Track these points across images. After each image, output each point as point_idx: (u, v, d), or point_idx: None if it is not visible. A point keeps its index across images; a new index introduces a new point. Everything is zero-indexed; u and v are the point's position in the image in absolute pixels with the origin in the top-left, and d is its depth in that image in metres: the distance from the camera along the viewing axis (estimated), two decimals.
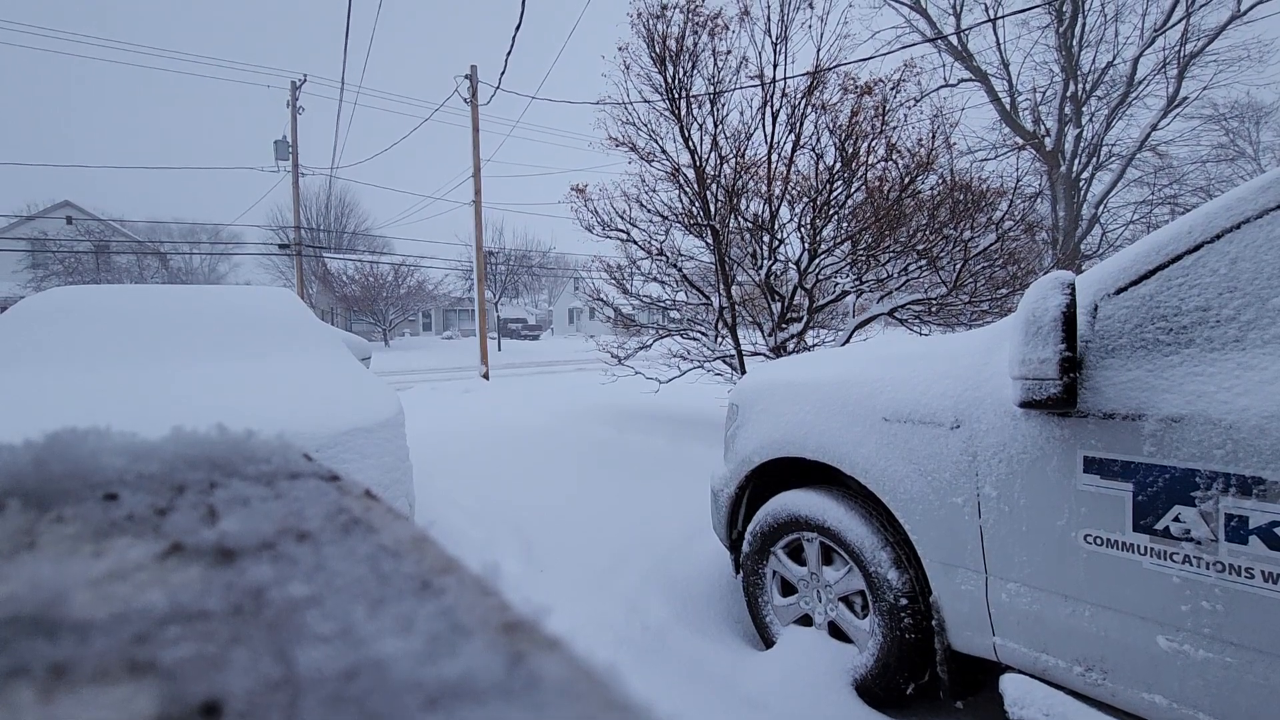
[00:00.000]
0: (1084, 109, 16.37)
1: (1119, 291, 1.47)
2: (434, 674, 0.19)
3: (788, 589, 2.33)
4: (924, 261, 6.00)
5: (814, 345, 6.89)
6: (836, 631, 2.14)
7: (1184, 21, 14.76)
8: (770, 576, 2.35)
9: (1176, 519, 1.29)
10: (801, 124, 6.26)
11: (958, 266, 5.86)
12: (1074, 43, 16.19)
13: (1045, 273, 1.77)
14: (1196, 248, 1.37)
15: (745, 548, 2.41)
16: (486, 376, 13.34)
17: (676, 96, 6.41)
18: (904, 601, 1.87)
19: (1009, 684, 1.60)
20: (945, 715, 1.99)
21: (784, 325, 6.37)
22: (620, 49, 6.66)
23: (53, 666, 0.19)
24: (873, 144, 6.03)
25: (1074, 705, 1.48)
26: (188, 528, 0.30)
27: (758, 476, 2.47)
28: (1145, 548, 1.34)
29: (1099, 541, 1.41)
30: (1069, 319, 1.39)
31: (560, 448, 5.50)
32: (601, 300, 8.08)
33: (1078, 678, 1.48)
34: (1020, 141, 16.56)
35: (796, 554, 2.28)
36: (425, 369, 17.48)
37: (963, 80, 16.62)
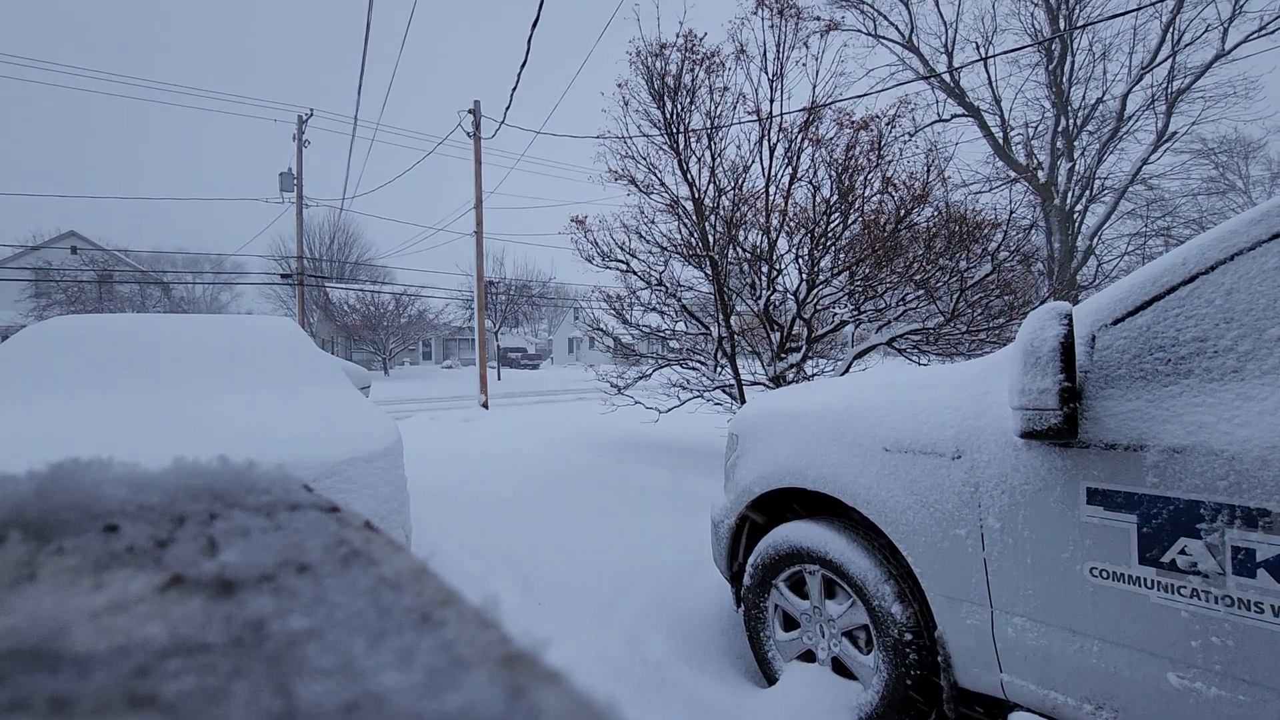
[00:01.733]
0: (1075, 143, 16.69)
1: (1116, 322, 1.48)
2: (434, 708, 0.19)
3: (790, 623, 2.29)
4: (921, 292, 6.04)
5: (813, 375, 6.90)
6: (840, 668, 2.10)
7: (1170, 59, 15.16)
8: (772, 610, 2.31)
9: (1182, 551, 1.28)
10: (798, 158, 6.37)
11: (954, 296, 5.90)
12: (1064, 80, 16.59)
13: (1042, 303, 1.78)
14: (1191, 279, 1.38)
15: (746, 580, 2.37)
16: (486, 406, 13.31)
17: (675, 131, 6.53)
18: (909, 637, 1.83)
19: None
20: None
21: (783, 355, 6.38)
22: (620, 85, 6.81)
23: (53, 700, 0.19)
24: (869, 177, 6.13)
25: None
26: (188, 559, 0.30)
27: (759, 507, 2.45)
28: (1152, 581, 1.32)
29: (1105, 574, 1.39)
30: (1067, 349, 1.40)
31: (559, 478, 5.46)
32: (601, 330, 8.11)
33: (1088, 716, 1.44)
34: (1014, 175, 16.84)
35: (799, 587, 2.25)
36: (425, 398, 17.45)
37: (956, 115, 16.98)
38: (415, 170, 17.02)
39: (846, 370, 6.33)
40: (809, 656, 2.20)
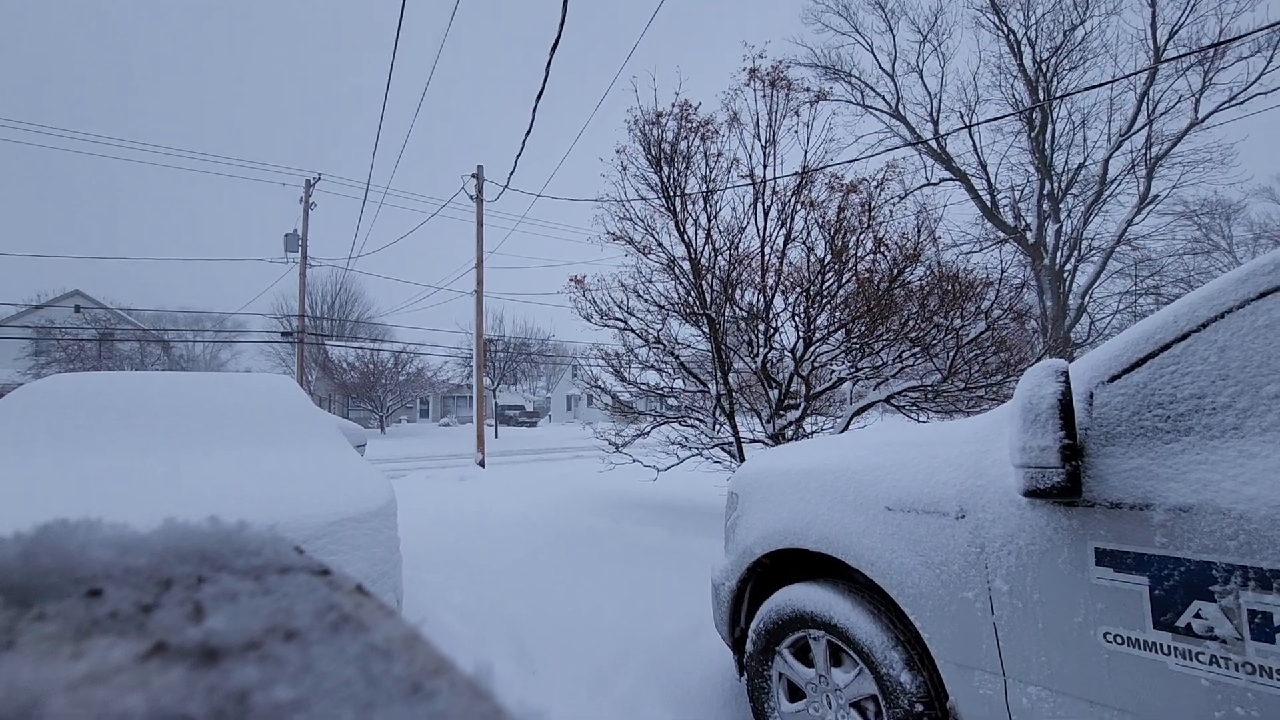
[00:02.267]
0: (1061, 205, 17.21)
1: (1113, 379, 1.49)
2: None
3: (795, 693, 2.19)
4: (917, 349, 6.09)
5: (812, 432, 6.86)
6: None
7: (1147, 127, 15.82)
8: (776, 679, 2.21)
9: (1198, 615, 1.24)
10: (792, 219, 6.54)
11: (950, 354, 5.95)
12: (1046, 146, 17.26)
13: (1038, 360, 1.79)
14: (1184, 336, 1.39)
15: (749, 647, 2.28)
16: (483, 464, 13.16)
17: (671, 194, 6.73)
18: (919, 708, 1.75)
19: None
20: None
21: (782, 412, 6.37)
22: (618, 151, 7.07)
23: None
24: (861, 238, 6.29)
25: None
26: (172, 626, 0.29)
27: (760, 569, 2.38)
28: (1169, 647, 1.28)
29: (1120, 640, 1.35)
30: (1066, 406, 1.40)
31: (556, 539, 5.34)
32: (599, 387, 8.12)
33: None
34: (1003, 235, 17.27)
35: (803, 654, 2.16)
36: (421, 456, 17.26)
37: (943, 179, 17.57)
38: (418, 230, 17.42)
39: (846, 427, 6.31)
40: None
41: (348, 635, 0.29)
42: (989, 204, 17.69)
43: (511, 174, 10.54)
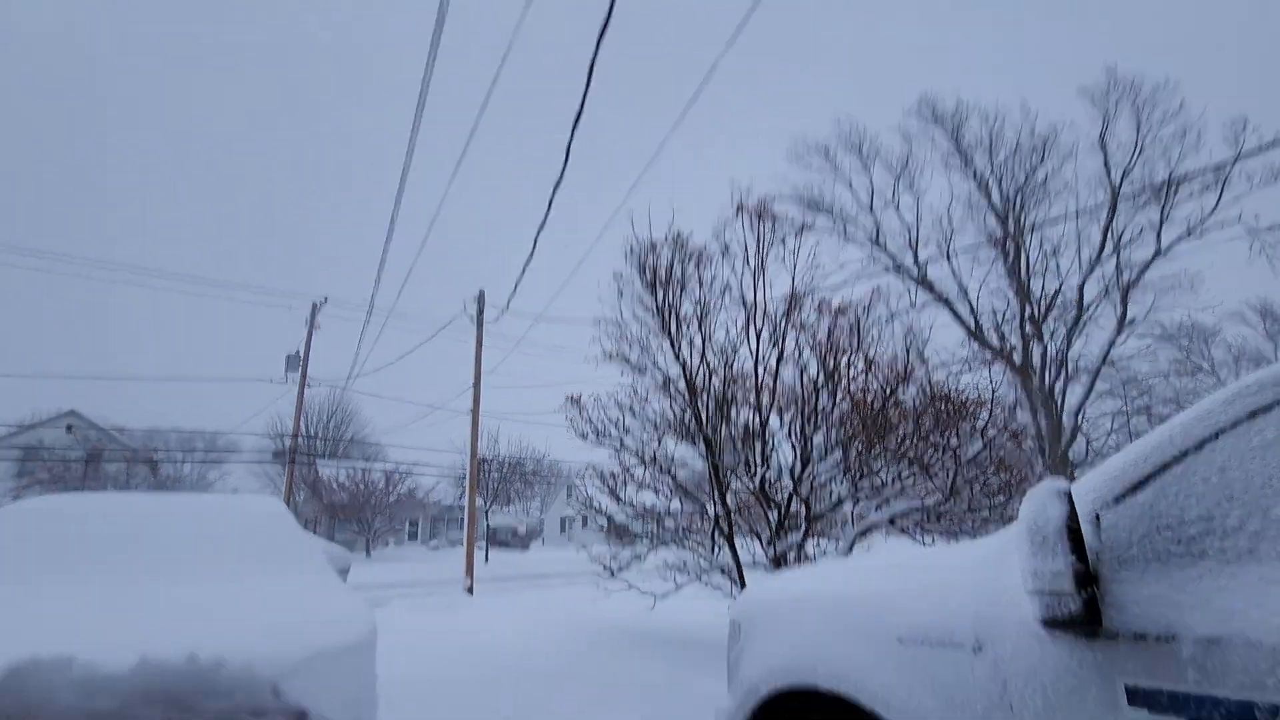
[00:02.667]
0: (1044, 326, 17.78)
1: (1118, 500, 1.46)
2: None
3: None
4: (916, 468, 6.02)
5: (815, 555, 6.60)
6: None
7: (1115, 256, 16.75)
8: None
9: None
10: (784, 340, 6.73)
11: (950, 473, 5.88)
12: (1022, 272, 18.15)
13: (1039, 480, 1.78)
14: (1182, 456, 1.39)
15: None
16: (471, 590, 12.49)
17: (666, 316, 6.97)
18: None
19: None
20: None
21: (782, 534, 6.17)
22: (615, 276, 7.40)
23: None
24: (852, 358, 6.44)
25: None
26: None
27: (769, 709, 2.19)
28: None
29: None
30: (1074, 530, 1.36)
31: (547, 675, 4.95)
32: (594, 508, 7.91)
33: None
34: (990, 356, 17.69)
35: None
36: (407, 582, 16.37)
37: (927, 303, 18.27)
38: (417, 351, 17.76)
39: (849, 550, 6.08)
40: None
41: None
42: (974, 327, 18.28)
43: (510, 299, 10.98)
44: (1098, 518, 1.48)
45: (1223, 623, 1.22)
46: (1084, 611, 1.31)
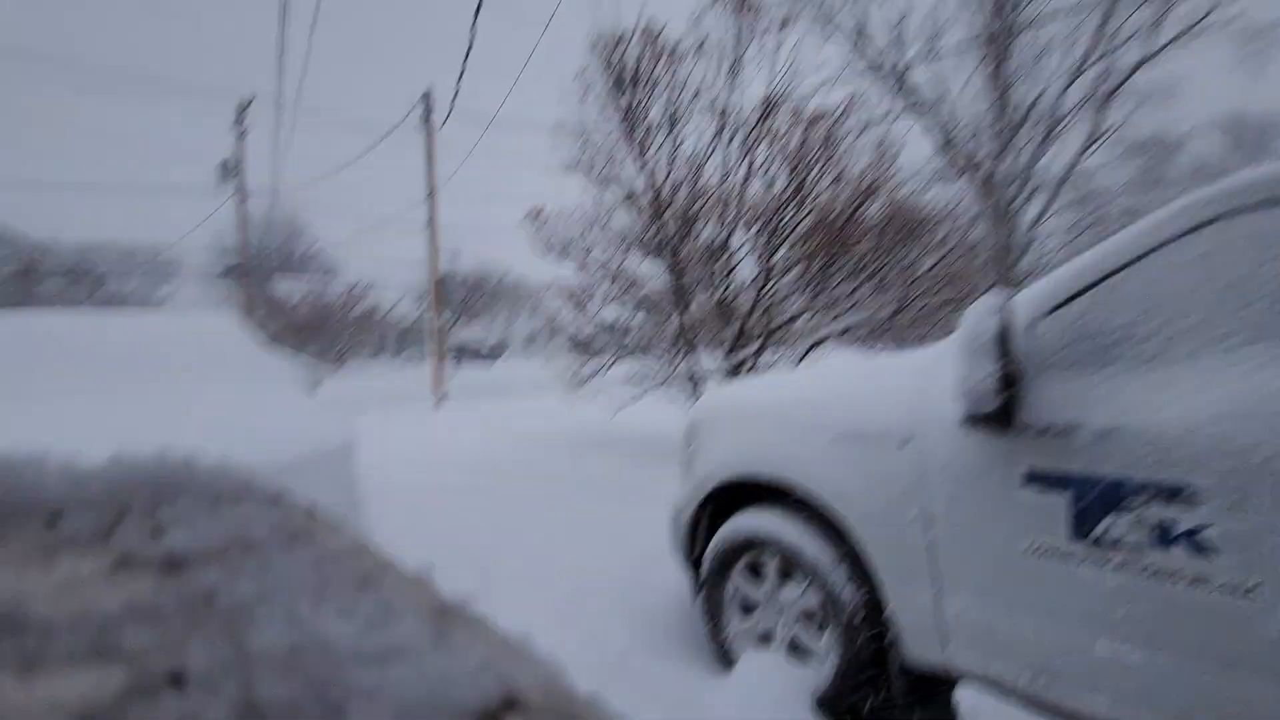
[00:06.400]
0: (1014, 141, 17.36)
1: (1051, 311, 1.56)
2: (370, 644, 0.22)
3: (747, 609, 2.33)
4: (872, 283, 6.21)
5: (769, 366, 7.02)
6: (796, 649, 2.16)
7: (1101, 60, 15.88)
8: (730, 597, 2.35)
9: (1110, 527, 1.36)
10: (754, 150, 6.44)
11: (904, 288, 6.09)
12: (1002, 80, 17.20)
13: (985, 293, 1.87)
14: (1118, 269, 1.46)
15: (705, 569, 2.41)
16: (441, 402, 13.08)
17: (633, 122, 6.52)
18: (861, 616, 1.90)
19: (962, 699, 1.64)
20: None
21: (739, 347, 6.47)
22: (579, 74, 6.76)
23: (24, 656, 0.20)
24: (820, 171, 6.26)
25: (1023, 716, 1.52)
26: (135, 543, 0.30)
27: (716, 497, 2.48)
28: (1082, 556, 1.40)
29: (1041, 551, 1.47)
30: (1005, 337, 1.46)
31: (518, 475, 5.42)
32: (559, 323, 8.07)
33: (1027, 684, 1.52)
34: (957, 169, 17.43)
35: (756, 573, 2.29)
36: (377, 395, 17.01)
37: (902, 112, 17.42)
38: (368, 160, 16.51)
39: (801, 360, 6.47)
40: (766, 639, 2.25)
41: (301, 546, 0.32)
42: (944, 140, 17.73)
43: (454, 99, 9.99)
44: (1030, 327, 1.58)
45: (1118, 417, 1.38)
46: (1001, 410, 1.45)
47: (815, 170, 6.24)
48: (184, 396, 2.92)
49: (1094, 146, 16.64)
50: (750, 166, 6.46)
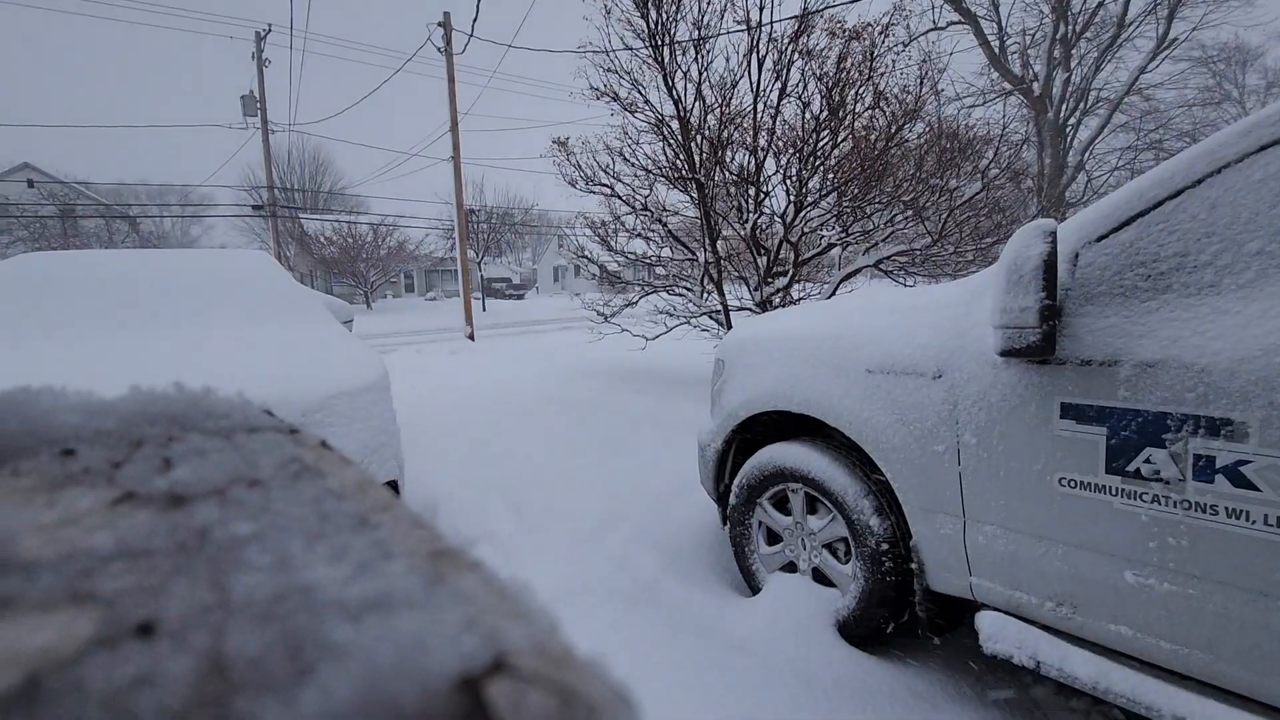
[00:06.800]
0: (1073, 52, 16.11)
1: (1100, 239, 1.48)
2: (355, 593, 0.22)
3: (773, 538, 2.39)
4: (910, 212, 5.97)
5: (800, 299, 6.90)
6: (820, 577, 2.22)
7: None
8: (756, 527, 2.41)
9: (1147, 460, 1.33)
10: (788, 71, 6.10)
11: (943, 217, 5.85)
12: None
13: (1029, 221, 1.78)
14: (1177, 193, 1.37)
15: (732, 500, 2.46)
16: (472, 338, 13.28)
17: (660, 43, 6.20)
18: (885, 546, 1.93)
19: (984, 620, 1.67)
20: (923, 651, 2.08)
21: (770, 280, 6.35)
22: None
23: (0, 600, 0.20)
24: (860, 91, 5.92)
25: (1044, 638, 1.55)
26: (141, 478, 0.31)
27: (744, 430, 2.50)
28: (1116, 489, 1.39)
29: (1072, 484, 1.46)
30: (1049, 267, 1.40)
31: (548, 408, 5.53)
32: (586, 258, 8.00)
33: (1049, 613, 1.55)
34: (1008, 87, 16.32)
35: (782, 504, 2.34)
36: (409, 331, 17.33)
37: (952, 23, 16.24)
38: (389, 90, 16.16)
39: (833, 293, 6.34)
40: (791, 568, 2.31)
41: (306, 481, 0.32)
42: (997, 51, 16.51)
43: (474, 20, 9.58)
44: (1077, 256, 1.51)
45: (1164, 348, 1.32)
46: (1041, 343, 1.41)
47: (854, 90, 5.90)
48: (220, 333, 3.01)
49: (1159, 58, 15.37)
50: (783, 88, 6.14)
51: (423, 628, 0.20)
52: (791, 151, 6.05)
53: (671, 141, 6.46)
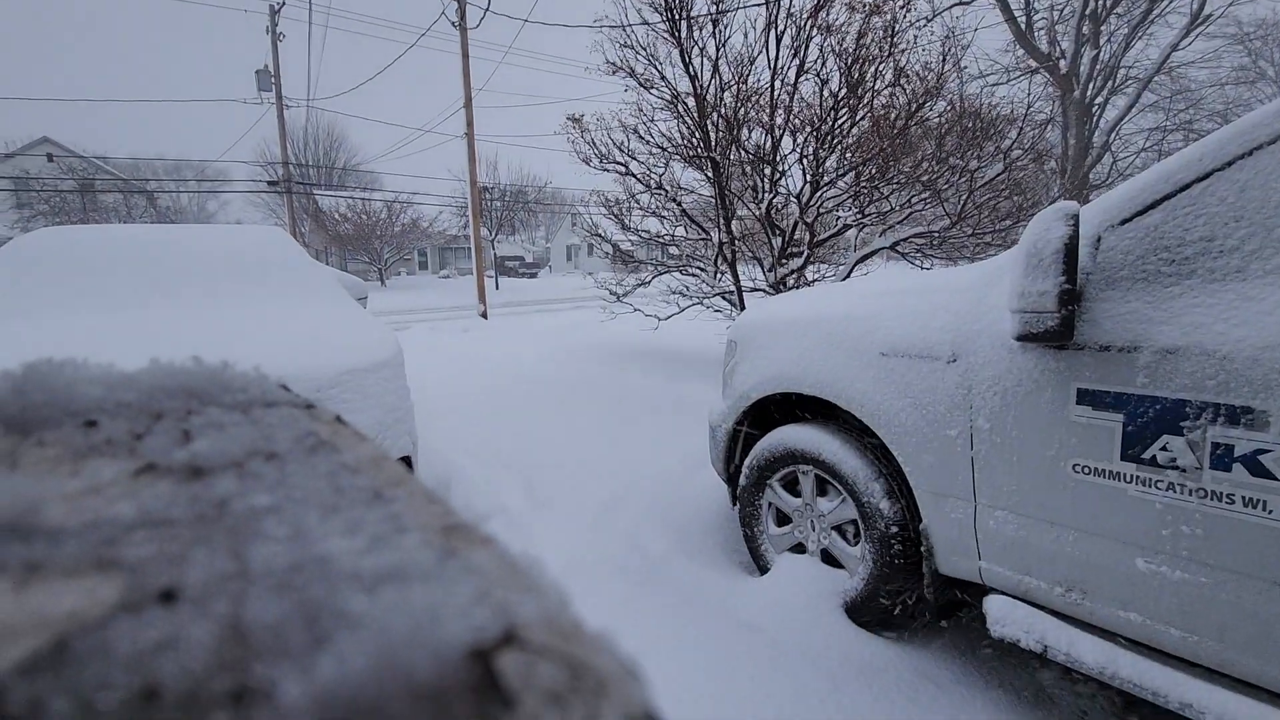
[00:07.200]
0: (1103, 28, 15.61)
1: (1124, 222, 1.45)
2: (370, 565, 0.22)
3: (782, 519, 2.40)
4: (928, 193, 5.87)
5: (814, 280, 6.84)
6: (828, 558, 2.23)
7: None
8: (766, 508, 2.42)
9: (1164, 448, 1.32)
10: (806, 47, 5.97)
11: (962, 198, 5.74)
12: None
13: (1051, 203, 1.74)
14: (1206, 175, 1.33)
15: (742, 481, 2.47)
16: (485, 315, 13.32)
17: (677, 17, 6.09)
18: (894, 529, 1.93)
19: (992, 604, 1.68)
20: (930, 634, 2.09)
21: (784, 261, 6.30)
22: None
23: (26, 564, 0.21)
24: (880, 68, 5.79)
25: (1052, 622, 1.55)
26: (162, 450, 0.31)
27: (755, 412, 2.50)
28: (1131, 476, 1.37)
29: (1086, 470, 1.45)
30: (1070, 251, 1.37)
31: (560, 386, 5.56)
32: (599, 236, 7.96)
33: (1058, 598, 1.54)
34: (1034, 64, 15.88)
35: (792, 486, 2.34)
36: (423, 308, 17.42)
37: None
38: (402, 66, 16.06)
39: (848, 275, 6.27)
40: (799, 549, 2.33)
41: (322, 456, 0.32)
42: (1023, 27, 16.03)
43: None
44: (1099, 239, 1.48)
45: (1186, 335, 1.30)
46: (1059, 327, 1.39)
47: (873, 67, 5.77)
48: (237, 309, 3.04)
49: (1192, 34, 14.85)
50: (801, 65, 6.02)
51: (435, 600, 0.20)
52: (809, 130, 5.95)
53: (687, 119, 6.38)
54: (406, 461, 2.67)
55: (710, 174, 6.31)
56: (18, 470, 0.28)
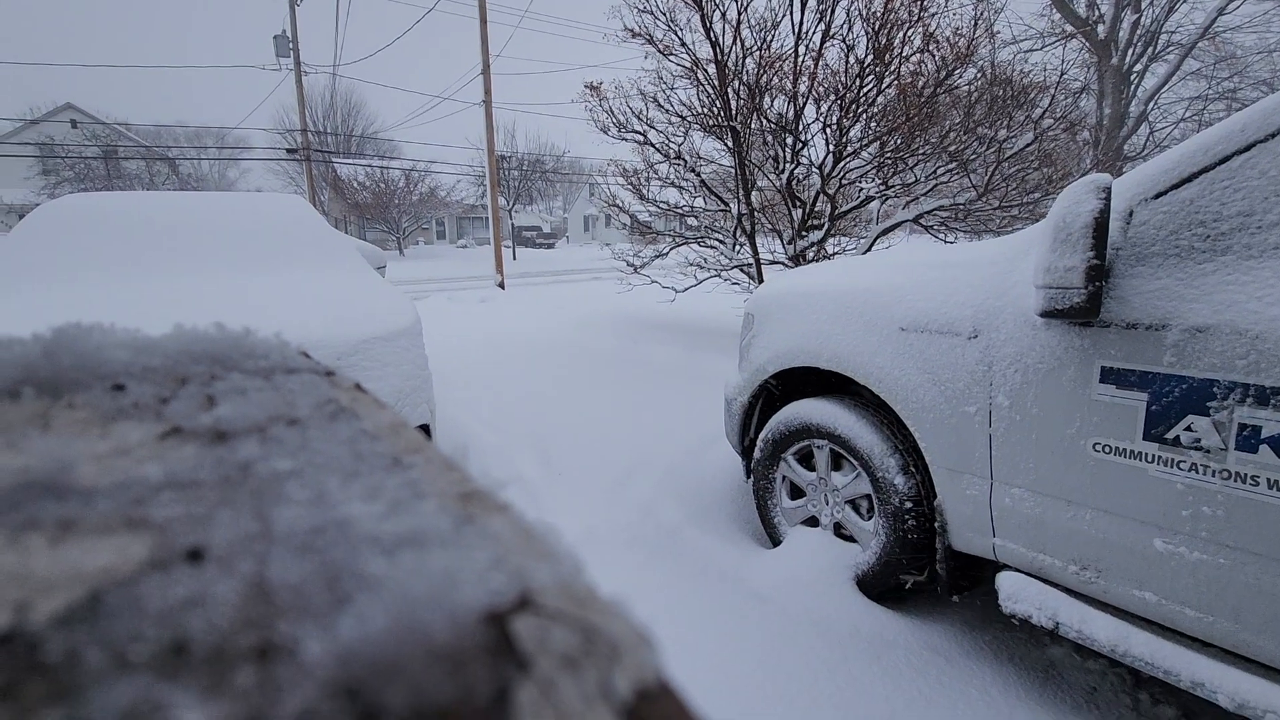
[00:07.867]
0: None
1: (1158, 196, 1.40)
2: (389, 529, 0.22)
3: (796, 493, 2.41)
4: (954, 165, 5.71)
5: (835, 254, 6.74)
6: (841, 532, 2.24)
7: None
8: (780, 481, 2.43)
9: (1188, 428, 1.29)
10: (833, 11, 5.79)
11: (990, 169, 5.58)
12: None
13: (1083, 175, 1.68)
14: (1248, 147, 1.28)
15: (757, 454, 2.47)
16: (503, 286, 13.34)
17: None
18: (909, 505, 1.93)
19: (1004, 580, 1.68)
20: (941, 609, 2.10)
21: (804, 233, 6.20)
22: None
23: (60, 521, 0.22)
24: (908, 33, 5.59)
25: (1065, 600, 1.55)
26: (187, 413, 0.32)
27: (771, 385, 2.50)
28: (1153, 456, 1.35)
29: (1107, 450, 1.43)
30: (1100, 225, 1.33)
31: (577, 357, 5.58)
32: (617, 207, 7.89)
33: (1072, 576, 1.54)
34: (1070, 29, 15.25)
35: (806, 460, 2.34)
36: (441, 278, 17.49)
37: None
38: (420, 31, 15.85)
39: (869, 249, 6.17)
40: (812, 522, 2.34)
41: (343, 422, 0.33)
42: None
43: None
44: (1131, 213, 1.43)
45: (1217, 313, 1.26)
46: (1085, 304, 1.36)
47: (902, 32, 5.58)
48: (257, 276, 3.08)
49: None
50: (827, 29, 5.84)
51: (453, 564, 0.20)
52: (833, 98, 5.80)
53: (707, 86, 6.24)
54: (425, 429, 2.71)
55: (730, 144, 6.19)
56: (50, 431, 0.29)
